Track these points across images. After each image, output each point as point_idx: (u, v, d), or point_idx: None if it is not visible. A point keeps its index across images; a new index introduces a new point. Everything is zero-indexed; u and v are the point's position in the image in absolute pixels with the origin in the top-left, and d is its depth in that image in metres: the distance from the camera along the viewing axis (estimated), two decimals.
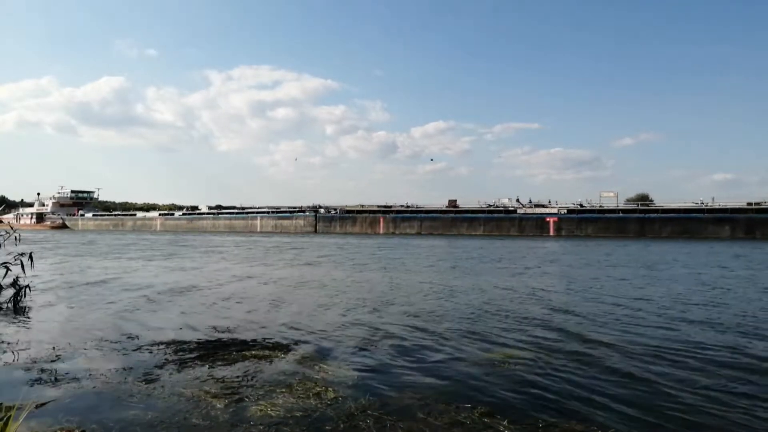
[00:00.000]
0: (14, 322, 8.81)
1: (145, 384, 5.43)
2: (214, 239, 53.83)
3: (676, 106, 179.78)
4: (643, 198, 73.19)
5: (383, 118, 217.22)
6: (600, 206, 64.68)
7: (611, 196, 65.29)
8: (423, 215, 73.27)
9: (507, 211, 68.30)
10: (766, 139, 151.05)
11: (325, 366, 6.18)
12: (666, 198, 66.02)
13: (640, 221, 60.08)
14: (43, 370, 5.91)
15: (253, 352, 6.76)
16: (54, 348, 6.95)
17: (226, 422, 4.44)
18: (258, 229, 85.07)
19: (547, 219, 64.77)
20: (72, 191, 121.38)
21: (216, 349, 6.92)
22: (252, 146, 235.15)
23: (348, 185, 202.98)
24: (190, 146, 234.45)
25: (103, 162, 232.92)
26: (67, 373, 5.80)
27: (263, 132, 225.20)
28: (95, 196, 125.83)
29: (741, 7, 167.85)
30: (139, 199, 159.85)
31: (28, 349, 6.94)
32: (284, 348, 7.04)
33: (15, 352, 6.75)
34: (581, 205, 65.62)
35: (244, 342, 7.38)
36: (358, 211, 77.90)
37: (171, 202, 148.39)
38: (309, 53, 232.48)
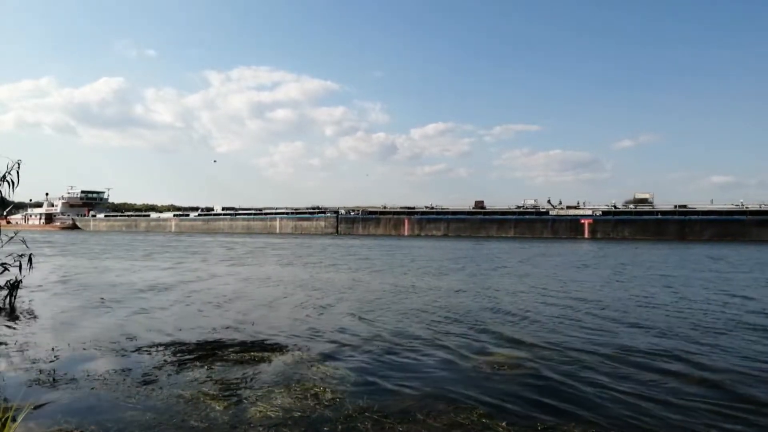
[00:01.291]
0: (13, 323, 8.79)
1: (144, 385, 5.43)
2: (238, 241, 53.56)
3: (675, 108, 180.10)
4: (643, 200, 72.84)
5: (383, 120, 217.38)
6: (634, 207, 62.75)
7: (647, 196, 63.25)
8: (450, 216, 71.64)
9: (539, 213, 66.50)
10: (765, 142, 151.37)
11: (324, 367, 6.18)
12: (664, 200, 65.06)
13: (680, 223, 58.36)
14: (41, 371, 5.90)
15: (252, 353, 6.75)
16: (53, 349, 6.94)
17: (225, 423, 4.44)
18: (277, 231, 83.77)
19: (582, 221, 63.09)
20: (82, 191, 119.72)
21: (215, 350, 6.91)
22: (251, 147, 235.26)
23: (347, 185, 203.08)
24: (189, 147, 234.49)
25: (103, 163, 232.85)
26: (65, 374, 5.80)
27: (262, 133, 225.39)
28: (105, 196, 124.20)
29: (741, 9, 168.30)
30: (138, 200, 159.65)
31: (27, 350, 6.92)
32: (283, 349, 7.04)
33: (13, 353, 6.73)
34: (615, 207, 63.85)
35: (243, 343, 7.38)
36: (381, 212, 76.59)
37: (170, 203, 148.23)
38: (308, 54, 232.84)
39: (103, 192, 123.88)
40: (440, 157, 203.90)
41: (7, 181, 8.46)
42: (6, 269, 10.21)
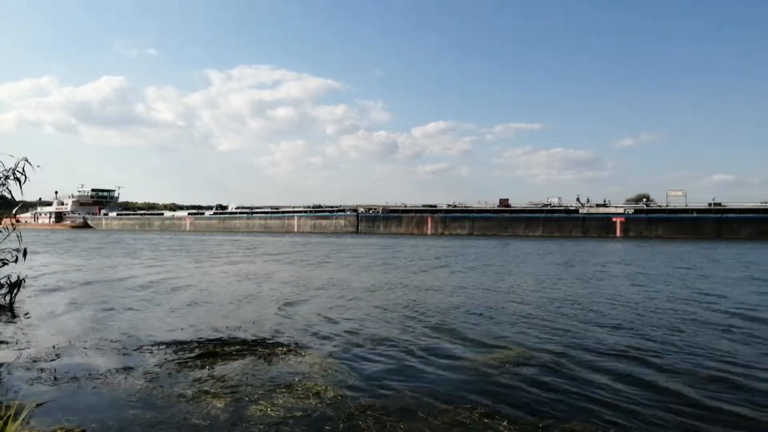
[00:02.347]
0: (14, 322, 8.80)
1: (145, 383, 5.43)
2: (268, 240, 53.45)
3: (677, 106, 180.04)
4: (643, 198, 72.12)
5: (384, 118, 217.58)
6: (667, 206, 61.30)
7: (679, 195, 61.52)
8: (475, 215, 70.01)
9: (568, 211, 65.13)
10: (766, 140, 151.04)
11: (326, 365, 6.17)
12: (662, 199, 64.45)
13: (716, 222, 56.70)
14: (42, 370, 5.91)
15: (253, 352, 6.75)
16: (54, 347, 6.94)
17: (226, 422, 4.44)
18: (295, 229, 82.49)
19: (614, 219, 61.52)
20: (93, 190, 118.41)
21: (216, 349, 6.91)
22: (252, 146, 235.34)
23: (348, 185, 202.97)
24: (190, 146, 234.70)
25: (104, 161, 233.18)
26: (66, 373, 5.80)
27: (263, 132, 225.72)
28: (116, 194, 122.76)
29: (742, 8, 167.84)
30: (139, 199, 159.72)
31: (28, 348, 6.93)
32: (284, 347, 7.04)
33: (14, 352, 6.74)
34: (646, 204, 62.63)
35: (244, 342, 7.37)
36: (403, 211, 75.21)
37: (171, 202, 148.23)
38: (309, 53, 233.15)
39: (114, 190, 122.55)
40: (441, 156, 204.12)
41: (15, 179, 8.42)
42: (5, 263, 10.18)
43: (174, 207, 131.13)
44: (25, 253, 10.39)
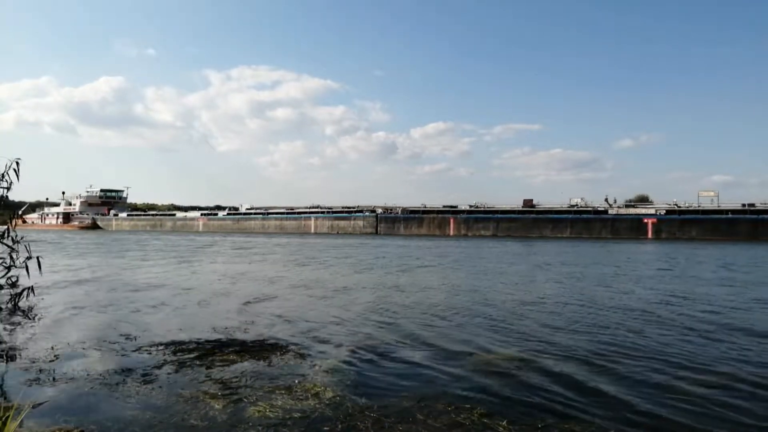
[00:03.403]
0: (14, 323, 8.79)
1: (144, 384, 5.42)
2: (290, 241, 53.24)
3: (676, 107, 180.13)
4: (643, 198, 71.78)
5: (383, 119, 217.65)
6: (698, 206, 59.75)
7: (711, 195, 60.11)
8: (499, 215, 68.01)
9: (596, 212, 63.25)
10: (765, 141, 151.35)
11: (325, 366, 6.17)
12: (663, 200, 64.11)
13: (753, 223, 54.92)
14: (41, 371, 5.90)
15: (252, 353, 6.74)
16: (52, 348, 6.94)
17: (224, 423, 4.43)
18: (312, 230, 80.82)
19: (645, 220, 59.77)
20: (101, 190, 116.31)
21: (215, 350, 6.90)
22: (251, 147, 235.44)
23: (347, 186, 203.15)
24: (189, 146, 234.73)
25: (103, 162, 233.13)
26: (65, 373, 5.79)
27: (263, 132, 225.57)
28: (125, 195, 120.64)
29: (742, 9, 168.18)
30: (138, 200, 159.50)
31: (27, 349, 6.92)
32: (283, 348, 7.03)
33: (13, 352, 6.73)
34: (677, 205, 60.87)
35: (243, 343, 7.37)
36: (424, 212, 73.63)
37: (170, 203, 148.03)
38: (309, 53, 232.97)
39: (122, 191, 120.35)
40: (440, 157, 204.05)
41: (3, 180, 8.40)
42: (9, 269, 10.16)
43: (173, 207, 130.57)
44: (39, 265, 10.29)
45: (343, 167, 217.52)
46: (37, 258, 10.22)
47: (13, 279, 9.48)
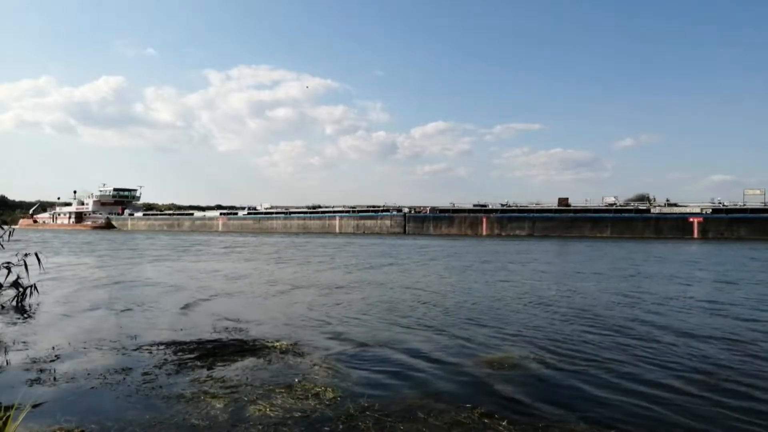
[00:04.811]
0: (15, 322, 8.79)
1: (144, 384, 5.42)
2: (328, 241, 52.75)
3: (676, 107, 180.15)
4: (642, 198, 71.21)
5: (383, 119, 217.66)
6: (744, 205, 58.36)
7: (758, 193, 58.92)
8: (535, 215, 66.24)
9: (638, 211, 61.77)
10: (765, 141, 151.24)
11: (325, 366, 6.17)
12: (664, 199, 63.76)
13: None
14: (42, 370, 5.90)
15: (253, 352, 6.74)
16: (53, 348, 6.94)
17: (225, 422, 4.43)
18: (337, 230, 79.49)
19: (690, 219, 58.16)
20: (114, 189, 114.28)
21: (215, 349, 6.90)
22: (251, 146, 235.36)
23: (347, 186, 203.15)
24: (189, 146, 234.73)
25: (103, 162, 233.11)
26: (65, 373, 5.79)
27: (262, 132, 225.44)
28: (138, 194, 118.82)
29: (741, 9, 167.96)
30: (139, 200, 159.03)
31: (27, 349, 6.93)
32: (284, 348, 7.02)
33: (14, 352, 6.73)
34: (723, 204, 59.40)
35: (243, 342, 7.36)
36: (454, 211, 72.00)
37: (171, 202, 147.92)
38: (309, 53, 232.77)
39: (135, 190, 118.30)
40: (440, 157, 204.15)
41: None
42: (9, 270, 10.20)
43: (173, 207, 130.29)
44: (38, 259, 10.37)
45: (343, 167, 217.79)
46: (36, 254, 10.32)
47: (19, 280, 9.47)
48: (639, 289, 13.82)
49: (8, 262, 10.19)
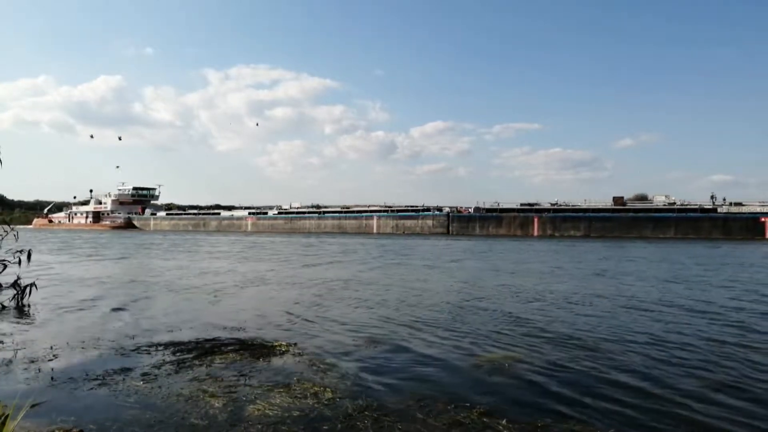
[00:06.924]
0: (14, 322, 8.77)
1: (143, 383, 5.41)
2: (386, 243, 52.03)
3: (676, 107, 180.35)
4: (641, 197, 70.84)
5: (382, 118, 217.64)
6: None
7: None
8: (591, 214, 64.02)
9: (703, 210, 59.69)
10: (765, 141, 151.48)
11: (324, 366, 6.16)
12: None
13: None
14: (40, 370, 5.89)
15: (252, 352, 6.73)
16: (52, 347, 6.92)
17: (224, 422, 4.42)
18: (374, 230, 77.62)
19: (762, 219, 55.85)
20: (134, 188, 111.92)
21: (214, 349, 6.89)
22: (250, 146, 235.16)
23: (346, 185, 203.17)
24: (188, 146, 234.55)
25: (102, 161, 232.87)
26: (64, 373, 5.78)
27: (261, 132, 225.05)
28: (157, 193, 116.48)
29: (741, 9, 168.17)
30: None
31: (25, 348, 6.91)
32: (283, 348, 7.02)
33: (12, 352, 6.72)
34: None
35: (242, 341, 7.35)
36: (501, 210, 69.97)
37: (170, 202, 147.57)
38: (308, 52, 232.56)
39: (155, 188, 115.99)
40: (440, 156, 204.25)
41: None
42: (5, 266, 10.16)
43: (172, 207, 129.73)
44: (29, 256, 10.38)
45: (343, 166, 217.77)
46: (29, 252, 10.28)
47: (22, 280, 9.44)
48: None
49: (4, 260, 10.15)
